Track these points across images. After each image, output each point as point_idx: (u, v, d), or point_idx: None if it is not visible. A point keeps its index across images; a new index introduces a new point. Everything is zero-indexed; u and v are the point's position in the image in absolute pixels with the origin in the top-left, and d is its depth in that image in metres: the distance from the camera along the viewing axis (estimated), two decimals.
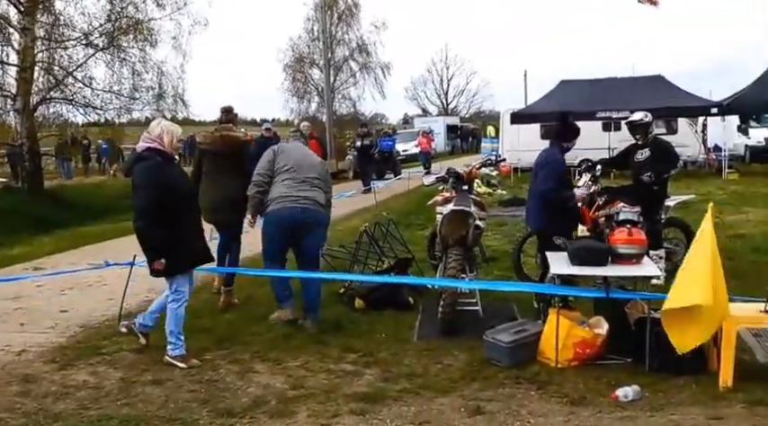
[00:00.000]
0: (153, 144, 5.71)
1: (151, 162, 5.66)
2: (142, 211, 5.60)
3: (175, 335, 5.83)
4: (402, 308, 7.27)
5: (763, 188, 17.34)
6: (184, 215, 5.80)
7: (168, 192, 5.60)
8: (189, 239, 5.85)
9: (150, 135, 5.73)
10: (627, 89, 21.49)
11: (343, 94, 39.24)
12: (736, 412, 4.52)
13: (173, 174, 5.80)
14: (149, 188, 5.57)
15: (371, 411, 4.78)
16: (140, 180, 5.62)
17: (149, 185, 5.58)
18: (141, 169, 5.64)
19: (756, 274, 8.15)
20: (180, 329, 5.86)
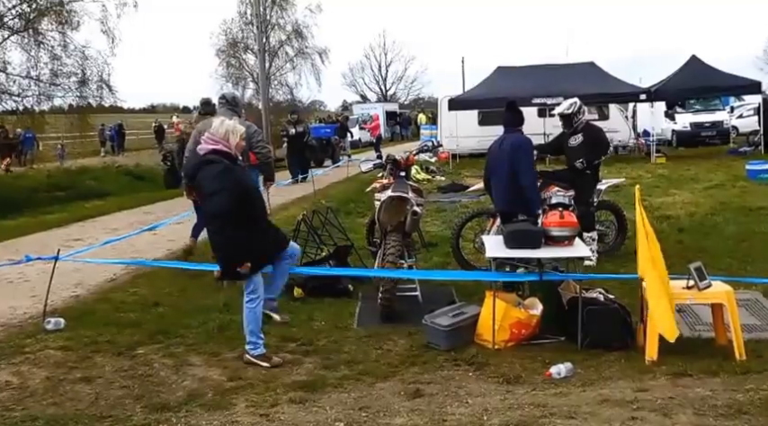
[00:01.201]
0: (218, 145, 5.42)
1: (221, 166, 5.36)
2: (222, 217, 5.34)
3: (256, 335, 5.56)
4: (341, 296, 7.31)
5: (689, 171, 18.00)
6: (257, 215, 5.59)
7: (243, 195, 5.38)
8: (264, 239, 5.66)
9: (215, 136, 5.44)
10: (561, 76, 21.92)
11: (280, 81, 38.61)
12: (661, 383, 4.72)
13: (243, 176, 5.61)
14: (226, 193, 5.28)
15: (311, 399, 4.79)
16: (215, 186, 5.32)
17: (225, 190, 5.28)
18: (213, 175, 5.34)
19: (681, 253, 8.49)
20: (259, 328, 5.62)
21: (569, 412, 4.25)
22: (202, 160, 5.46)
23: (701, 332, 5.91)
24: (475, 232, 8.77)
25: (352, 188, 17.39)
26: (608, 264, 8.08)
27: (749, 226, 10.32)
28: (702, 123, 25.98)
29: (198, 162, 5.56)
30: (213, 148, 5.41)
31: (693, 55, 22.84)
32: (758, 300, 6.74)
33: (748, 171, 15.94)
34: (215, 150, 5.41)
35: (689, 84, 21.92)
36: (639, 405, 4.29)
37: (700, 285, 5.27)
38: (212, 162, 5.38)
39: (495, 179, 7.48)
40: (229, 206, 5.27)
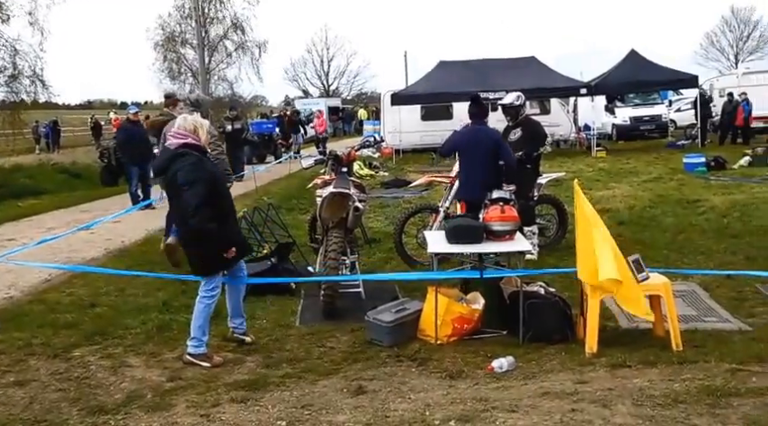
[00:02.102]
0: (188, 139, 5.42)
1: (194, 157, 5.36)
2: (197, 209, 5.20)
3: (202, 331, 5.45)
4: (284, 294, 7.20)
5: (629, 164, 18.40)
6: (228, 210, 5.59)
7: (215, 188, 5.36)
8: (235, 234, 5.66)
9: (183, 130, 5.44)
10: (502, 70, 22.14)
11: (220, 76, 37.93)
12: (600, 375, 4.78)
13: (215, 169, 5.60)
14: (199, 184, 5.24)
15: (253, 397, 4.71)
16: (188, 177, 5.26)
17: (199, 181, 5.25)
18: (188, 166, 5.30)
19: (621, 246, 8.52)
20: (208, 327, 5.51)
21: (511, 406, 4.27)
22: (175, 153, 5.41)
23: (640, 323, 6.00)
24: (418, 227, 8.77)
25: (293, 184, 17.23)
26: (549, 258, 8.17)
27: (686, 218, 10.60)
28: (641, 117, 26.66)
29: (170, 155, 5.49)
30: (184, 142, 5.41)
31: (632, 49, 23.33)
32: (695, 291, 6.90)
33: (685, 164, 16.40)
34: (186, 144, 5.41)
35: (628, 78, 22.38)
36: (579, 397, 4.33)
37: (638, 277, 5.35)
38: (185, 154, 5.37)
39: (472, 169, 7.63)
40: (203, 197, 5.23)
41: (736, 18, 58.83)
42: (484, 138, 7.63)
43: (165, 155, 5.68)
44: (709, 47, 59.64)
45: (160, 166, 5.61)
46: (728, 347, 5.17)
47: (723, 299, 6.61)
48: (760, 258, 7.93)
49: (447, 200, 8.48)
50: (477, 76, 21.30)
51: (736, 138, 22.80)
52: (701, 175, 15.40)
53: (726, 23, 59.25)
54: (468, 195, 7.71)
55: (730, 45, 59.25)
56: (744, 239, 8.93)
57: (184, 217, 5.33)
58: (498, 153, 7.57)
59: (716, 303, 6.53)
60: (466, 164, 7.79)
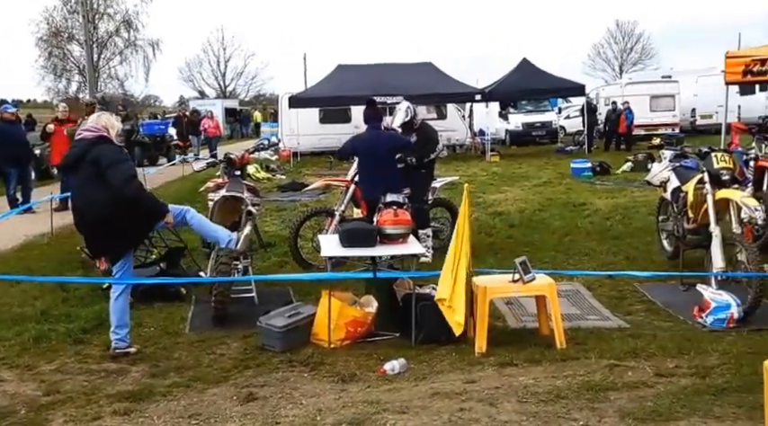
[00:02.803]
0: (102, 132, 5.58)
1: (114, 145, 5.61)
2: (131, 178, 5.40)
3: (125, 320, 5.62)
4: (173, 300, 6.98)
5: (520, 169, 19.01)
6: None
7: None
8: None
9: (96, 125, 5.61)
10: (400, 75, 22.37)
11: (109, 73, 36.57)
12: (488, 374, 4.89)
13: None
14: (127, 162, 5.53)
15: (137, 409, 4.52)
16: (114, 156, 5.45)
17: (126, 160, 5.54)
18: (108, 149, 5.50)
19: (511, 248, 8.92)
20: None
21: (401, 407, 4.29)
22: (93, 141, 5.52)
23: (527, 322, 6.20)
24: (314, 231, 8.71)
25: (186, 187, 16.70)
26: (442, 261, 8.22)
27: (572, 220, 11.03)
28: (533, 123, 27.72)
29: (87, 143, 5.54)
30: (100, 135, 5.56)
31: (524, 58, 24.18)
32: (579, 291, 7.18)
33: (573, 169, 17.11)
34: (102, 136, 5.57)
35: (520, 85, 23.20)
36: (468, 396, 4.41)
37: (525, 278, 5.51)
38: (104, 142, 5.54)
39: (372, 171, 7.75)
40: (133, 168, 5.51)
41: (621, 31, 61.92)
42: (382, 142, 7.78)
43: (81, 144, 5.62)
44: (596, 57, 62.54)
45: (76, 154, 5.56)
46: (608, 344, 5.40)
47: (604, 298, 6.92)
48: (639, 258, 8.35)
49: (343, 204, 8.48)
50: (375, 80, 21.43)
51: (620, 145, 24.01)
52: (587, 180, 16.11)
53: (611, 36, 62.27)
54: (369, 195, 7.78)
55: (615, 56, 62.28)
56: (625, 240, 9.38)
57: (101, 199, 5.35)
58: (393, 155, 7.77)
59: (598, 302, 6.82)
60: (366, 167, 7.87)
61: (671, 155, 8.11)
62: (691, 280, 6.81)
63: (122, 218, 5.41)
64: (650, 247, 8.69)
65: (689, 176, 7.25)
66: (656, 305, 6.66)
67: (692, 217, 7.01)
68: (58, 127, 13.67)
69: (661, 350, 5.17)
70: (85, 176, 5.49)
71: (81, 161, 5.49)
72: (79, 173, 5.58)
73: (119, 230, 5.47)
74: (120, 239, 5.56)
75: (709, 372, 4.68)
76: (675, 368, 4.79)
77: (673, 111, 26.60)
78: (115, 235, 5.50)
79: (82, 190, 5.60)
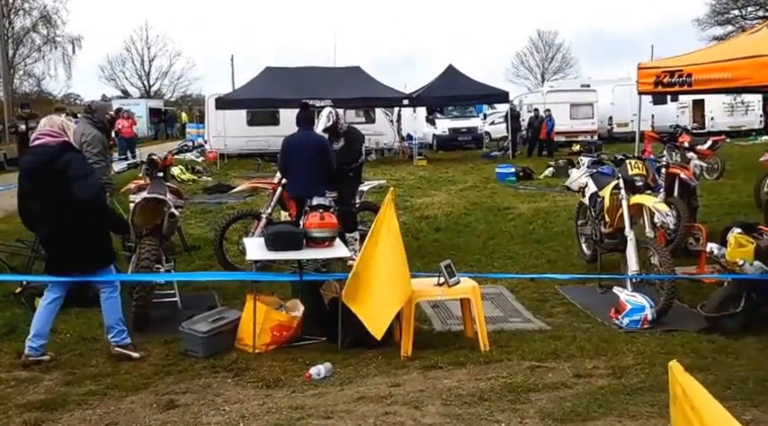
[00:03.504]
0: (64, 138, 5.44)
1: (79, 154, 5.60)
2: (100, 192, 5.57)
3: (123, 322, 5.56)
4: (91, 305, 6.71)
5: (447, 173, 19.25)
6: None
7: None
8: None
9: (54, 129, 5.41)
10: (328, 79, 22.33)
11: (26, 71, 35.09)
12: (413, 377, 4.92)
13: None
14: (94, 176, 5.58)
15: (50, 419, 4.36)
16: (83, 169, 5.37)
17: (92, 173, 5.57)
18: (77, 159, 5.40)
19: (438, 252, 9.01)
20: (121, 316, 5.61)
21: (326, 412, 4.28)
22: (60, 148, 5.33)
23: (452, 325, 6.28)
24: (239, 234, 8.59)
25: None
26: None
27: (497, 224, 11.24)
28: (459, 128, 28.12)
29: (54, 150, 5.32)
30: (63, 140, 5.41)
31: (450, 64, 24.51)
32: (502, 293, 7.32)
33: (498, 173, 17.45)
34: (66, 141, 5.43)
35: (446, 91, 23.48)
36: (393, 400, 4.43)
37: (449, 282, 5.57)
38: (70, 150, 5.43)
39: (298, 169, 7.83)
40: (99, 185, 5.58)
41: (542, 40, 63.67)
42: (311, 142, 7.90)
43: (48, 150, 5.34)
44: (519, 65, 64.10)
45: (43, 160, 5.30)
46: (529, 345, 5.52)
47: (527, 301, 7.08)
48: (560, 261, 8.59)
49: (270, 207, 8.40)
50: (304, 84, 21.34)
51: (542, 151, 24.63)
52: (510, 184, 16.45)
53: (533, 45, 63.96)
54: (297, 192, 7.84)
55: (537, 65, 63.97)
56: (546, 244, 9.62)
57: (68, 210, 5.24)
58: (324, 155, 7.82)
59: (520, 304, 6.97)
60: (295, 165, 7.90)
61: (588, 161, 8.39)
62: (608, 283, 7.04)
63: (90, 232, 5.38)
64: (570, 251, 8.95)
65: (605, 182, 7.50)
66: (575, 307, 6.86)
67: (608, 221, 7.25)
68: None
69: (580, 351, 5.33)
70: (50, 184, 5.26)
71: (46, 168, 5.26)
72: (41, 180, 5.31)
73: (88, 243, 5.40)
74: (90, 252, 5.45)
75: (625, 372, 4.85)
76: (593, 369, 4.94)
77: (591, 119, 27.52)
78: (84, 248, 5.39)
79: (44, 198, 5.32)
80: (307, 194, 7.26)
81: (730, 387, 4.50)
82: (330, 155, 7.95)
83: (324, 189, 7.47)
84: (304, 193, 7.47)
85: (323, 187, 7.54)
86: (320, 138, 8.08)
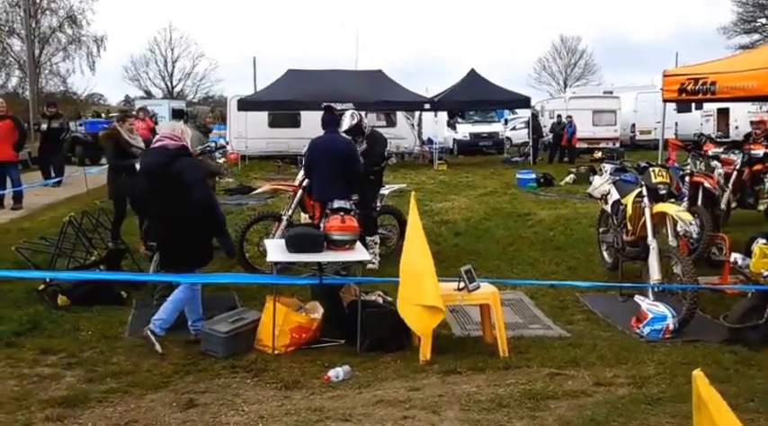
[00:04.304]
0: (183, 141, 5.93)
1: (194, 160, 6.17)
2: (212, 202, 6.04)
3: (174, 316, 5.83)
4: (112, 303, 6.81)
5: (467, 178, 19.20)
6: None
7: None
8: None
9: (173, 133, 5.93)
10: (350, 82, 22.37)
11: (51, 70, 35.47)
12: (432, 381, 4.91)
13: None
14: (205, 181, 6.07)
15: (71, 415, 4.40)
16: (196, 175, 5.79)
17: (204, 180, 6.08)
18: (193, 165, 5.91)
19: (457, 256, 8.99)
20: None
21: (344, 415, 4.28)
22: (176, 153, 5.81)
23: (471, 331, 6.26)
24: (260, 235, 8.63)
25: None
26: (389, 267, 8.28)
27: (517, 230, 11.19)
28: (480, 133, 28.12)
29: (172, 153, 5.80)
30: (182, 145, 5.90)
31: (472, 69, 24.43)
32: (522, 300, 7.29)
33: (518, 179, 17.36)
34: (183, 146, 5.91)
35: (468, 96, 23.44)
36: (411, 404, 4.42)
37: (469, 287, 5.56)
38: (184, 155, 5.88)
39: (323, 172, 7.84)
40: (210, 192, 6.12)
41: (565, 46, 63.34)
42: (337, 145, 7.91)
43: (166, 152, 5.85)
44: (542, 71, 63.79)
45: (160, 163, 5.78)
46: (549, 353, 5.49)
47: (546, 307, 7.04)
48: (580, 268, 8.53)
49: (290, 209, 8.43)
50: (326, 86, 21.38)
51: (563, 157, 24.50)
52: (531, 190, 16.37)
53: (556, 50, 63.63)
54: (320, 195, 7.83)
55: (560, 71, 63.62)
56: (566, 251, 9.56)
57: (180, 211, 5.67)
58: (351, 160, 7.83)
59: (540, 311, 6.94)
60: (319, 168, 7.91)
61: (611, 168, 8.32)
62: (629, 291, 6.98)
63: (197, 232, 5.82)
64: (591, 258, 8.88)
65: (628, 190, 7.44)
66: (595, 314, 6.81)
67: (630, 229, 7.20)
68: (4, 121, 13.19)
69: (600, 359, 5.29)
70: (166, 185, 5.72)
71: (163, 170, 5.72)
72: (158, 180, 5.77)
73: (194, 242, 5.83)
74: (192, 251, 5.86)
75: (646, 382, 4.80)
76: (614, 378, 4.90)
77: (614, 126, 27.33)
78: (189, 246, 5.83)
79: (160, 198, 5.78)
80: (330, 197, 7.29)
81: (753, 399, 4.44)
82: (357, 159, 7.97)
83: (347, 192, 7.46)
84: (327, 196, 7.49)
85: (346, 191, 7.51)
86: (348, 142, 8.09)
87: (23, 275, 6.77)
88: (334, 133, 8.06)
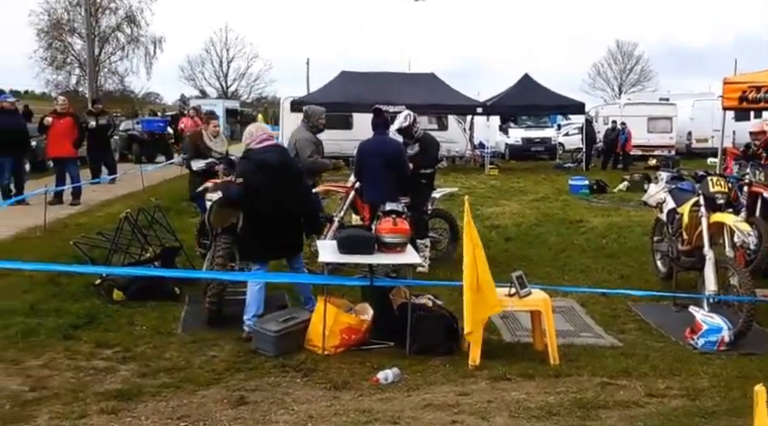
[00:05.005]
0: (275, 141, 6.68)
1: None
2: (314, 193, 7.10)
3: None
4: (166, 299, 6.96)
5: (518, 183, 19.04)
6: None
7: None
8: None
9: (268, 132, 6.57)
10: (402, 85, 22.43)
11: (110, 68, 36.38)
12: (481, 387, 4.88)
13: None
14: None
15: (125, 408, 4.50)
16: (300, 169, 6.80)
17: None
18: (294, 161, 7.02)
19: (507, 261, 8.92)
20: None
21: (393, 417, 4.28)
22: (284, 149, 6.85)
23: (521, 337, 6.20)
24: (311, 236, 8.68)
25: (185, 186, 16.64)
26: (439, 271, 8.28)
27: (568, 237, 11.04)
28: (533, 138, 27.83)
29: (282, 150, 6.67)
30: (275, 143, 6.62)
31: (526, 74, 24.25)
32: (573, 307, 7.19)
33: (571, 186, 17.13)
34: (277, 144, 6.68)
35: (521, 101, 23.29)
36: (460, 409, 4.40)
37: (520, 293, 5.51)
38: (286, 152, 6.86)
39: (373, 174, 7.92)
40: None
41: (621, 51, 62.28)
42: (387, 147, 7.94)
43: (281, 149, 6.65)
44: (596, 77, 62.86)
45: (281, 159, 6.35)
46: (600, 362, 5.40)
47: (598, 316, 6.92)
48: (633, 277, 8.37)
49: (342, 210, 8.48)
50: (378, 89, 21.46)
51: (617, 164, 24.08)
52: (583, 197, 16.14)
53: (611, 56, 62.62)
54: (373, 198, 7.83)
55: (615, 76, 62.61)
56: (619, 259, 9.39)
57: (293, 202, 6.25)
58: (399, 162, 7.85)
59: (591, 319, 6.82)
60: (369, 170, 7.95)
61: (668, 176, 8.14)
62: (683, 302, 6.81)
63: (299, 221, 6.41)
64: (644, 267, 8.71)
65: (685, 198, 7.27)
66: (648, 324, 6.67)
67: (686, 239, 7.03)
68: (57, 120, 13.62)
69: (653, 370, 5.18)
70: (282, 179, 6.19)
71: (282, 165, 6.26)
72: (276, 174, 6.17)
73: (299, 232, 6.47)
74: (299, 240, 6.48)
75: (700, 394, 4.69)
76: (666, 389, 4.79)
77: (669, 133, 26.74)
78: (298, 235, 6.46)
79: (279, 191, 6.17)
80: (380, 199, 7.31)
81: None
82: (406, 161, 7.96)
83: (397, 194, 7.47)
84: (378, 198, 7.51)
85: (396, 193, 7.52)
86: (396, 144, 8.10)
87: (81, 270, 6.96)
88: (384, 135, 8.09)
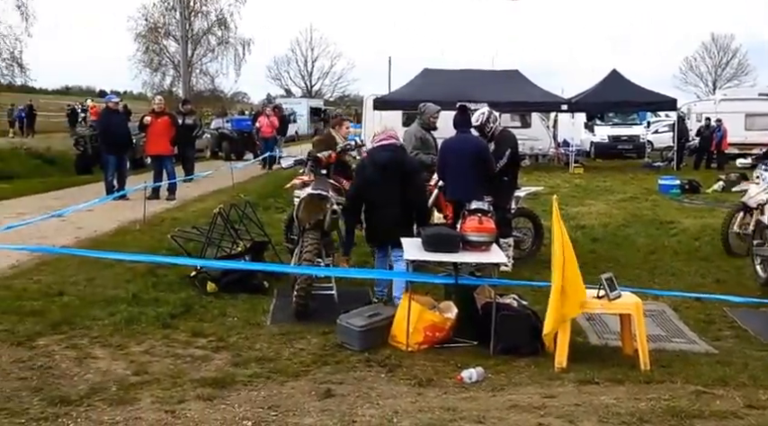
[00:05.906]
0: (398, 141, 7.13)
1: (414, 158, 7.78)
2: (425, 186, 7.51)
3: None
4: (256, 292, 7.16)
5: (605, 182, 18.58)
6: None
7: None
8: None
9: (390, 133, 7.00)
10: (485, 82, 22.22)
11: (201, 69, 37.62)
12: (568, 390, 4.79)
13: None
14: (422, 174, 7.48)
15: (220, 395, 4.66)
16: (416, 166, 7.33)
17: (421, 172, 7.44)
18: (414, 160, 7.73)
19: (594, 263, 8.74)
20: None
21: (478, 417, 4.27)
22: (401, 147, 7.13)
23: (609, 340, 6.06)
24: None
25: (272, 183, 17.07)
26: (523, 271, 8.20)
27: (659, 238, 10.71)
28: (620, 136, 27.05)
29: (398, 148, 7.00)
30: (395, 142, 6.95)
31: (614, 69, 23.60)
32: (665, 311, 6.97)
33: (660, 185, 16.60)
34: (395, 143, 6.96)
35: (608, 97, 22.64)
36: (546, 411, 4.34)
37: (610, 295, 5.39)
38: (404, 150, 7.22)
39: (455, 172, 7.91)
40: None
41: (716, 45, 59.80)
42: (469, 146, 7.89)
43: (398, 148, 6.98)
44: (688, 71, 60.55)
45: (397, 158, 6.81)
46: (695, 369, 5.21)
47: (691, 321, 6.69)
48: (729, 282, 8.04)
49: None
50: (460, 86, 21.33)
51: (710, 163, 23.14)
52: (674, 197, 15.60)
53: (706, 50, 60.20)
54: (455, 196, 7.84)
55: (708, 71, 60.18)
56: (714, 263, 9.05)
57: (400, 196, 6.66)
58: (482, 159, 7.82)
59: (684, 324, 6.60)
60: (452, 168, 7.93)
61: None
62: None
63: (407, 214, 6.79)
64: (741, 271, 8.37)
65: None
66: (747, 332, 6.40)
67: None
68: (155, 119, 14.23)
69: (752, 380, 4.95)
70: (397, 176, 6.68)
71: (397, 163, 6.73)
72: (391, 172, 6.68)
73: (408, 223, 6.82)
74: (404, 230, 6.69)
75: None
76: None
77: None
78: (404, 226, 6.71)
79: (389, 187, 6.65)
80: (463, 197, 7.29)
81: None
82: (488, 158, 7.90)
83: (482, 193, 7.42)
84: (461, 197, 7.50)
85: (480, 191, 7.47)
86: (479, 142, 8.05)
87: (178, 262, 7.27)
88: (466, 133, 8.03)
